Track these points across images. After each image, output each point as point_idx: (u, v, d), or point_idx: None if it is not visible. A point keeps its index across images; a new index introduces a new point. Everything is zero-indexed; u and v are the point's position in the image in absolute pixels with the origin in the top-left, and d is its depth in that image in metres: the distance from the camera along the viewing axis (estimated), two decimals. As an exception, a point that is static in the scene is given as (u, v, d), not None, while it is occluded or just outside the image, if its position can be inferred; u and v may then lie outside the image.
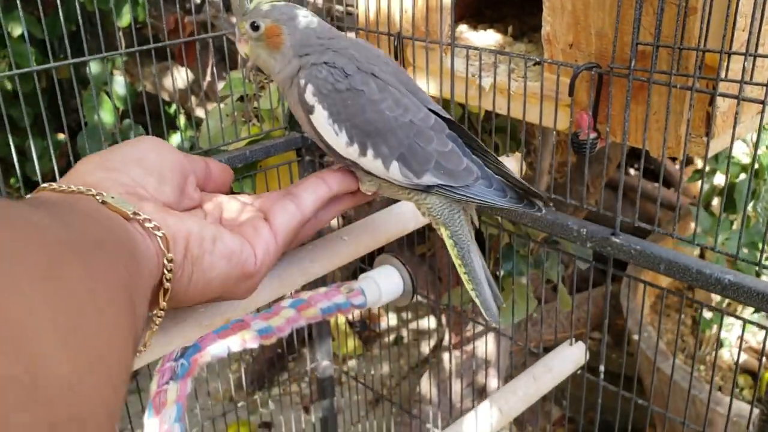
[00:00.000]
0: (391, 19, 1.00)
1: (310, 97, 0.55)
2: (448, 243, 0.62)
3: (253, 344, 1.07)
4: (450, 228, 0.61)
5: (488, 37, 1.06)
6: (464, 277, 0.63)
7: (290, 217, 0.54)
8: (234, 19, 0.58)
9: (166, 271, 0.45)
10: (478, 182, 0.58)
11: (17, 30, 1.99)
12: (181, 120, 2.36)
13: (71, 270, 0.29)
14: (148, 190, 0.49)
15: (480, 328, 1.32)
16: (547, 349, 0.99)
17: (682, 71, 0.75)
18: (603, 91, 0.82)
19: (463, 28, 1.09)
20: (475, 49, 0.92)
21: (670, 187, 2.52)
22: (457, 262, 0.63)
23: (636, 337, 1.73)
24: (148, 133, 1.12)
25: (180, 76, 2.11)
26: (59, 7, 1.00)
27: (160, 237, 0.45)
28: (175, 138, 2.14)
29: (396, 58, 1.00)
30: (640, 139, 0.81)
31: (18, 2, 0.95)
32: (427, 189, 0.58)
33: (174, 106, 2.43)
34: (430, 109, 0.59)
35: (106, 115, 1.89)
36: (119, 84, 1.95)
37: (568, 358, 0.93)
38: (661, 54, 0.77)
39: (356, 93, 0.54)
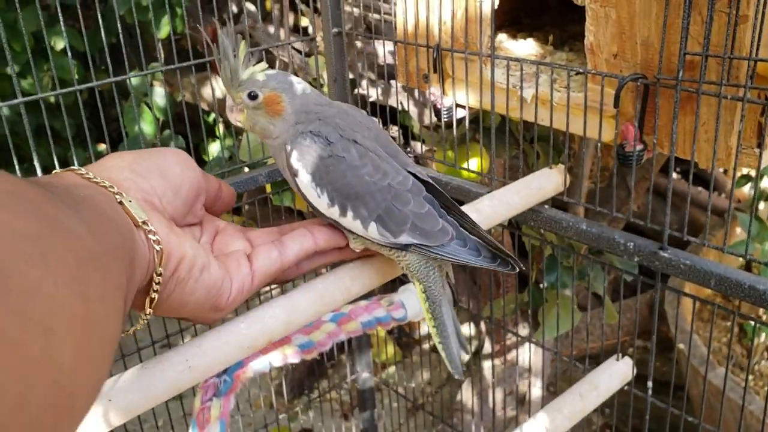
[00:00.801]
0: (429, 31, 0.99)
1: (295, 162, 0.59)
2: (421, 297, 0.66)
3: (295, 359, 1.07)
4: (424, 283, 0.65)
5: (528, 46, 1.04)
6: (432, 330, 0.67)
7: (271, 263, 0.57)
8: (224, 88, 0.61)
9: (154, 284, 0.48)
10: (453, 242, 0.61)
11: (59, 44, 2.03)
12: (220, 129, 2.38)
13: (92, 277, 0.33)
14: (162, 201, 0.52)
15: (521, 336, 1.30)
16: (593, 357, 0.98)
17: (733, 81, 0.73)
18: (649, 101, 0.80)
19: (502, 38, 1.08)
20: (516, 60, 0.90)
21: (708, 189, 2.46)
22: (427, 315, 0.67)
23: (681, 345, 1.69)
24: (188, 143, 1.13)
25: (218, 86, 2.13)
26: (100, 20, 1.01)
27: (157, 251, 0.48)
28: (214, 147, 2.16)
29: (435, 70, 0.99)
30: (689, 150, 0.79)
31: (60, 17, 0.97)
32: (405, 248, 0.61)
33: (212, 115, 2.45)
34: (409, 172, 0.62)
35: (147, 126, 1.91)
36: (159, 95, 1.97)
37: (615, 374, 0.91)
38: (710, 64, 0.74)
39: (337, 159, 0.58)
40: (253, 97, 0.59)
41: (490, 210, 0.81)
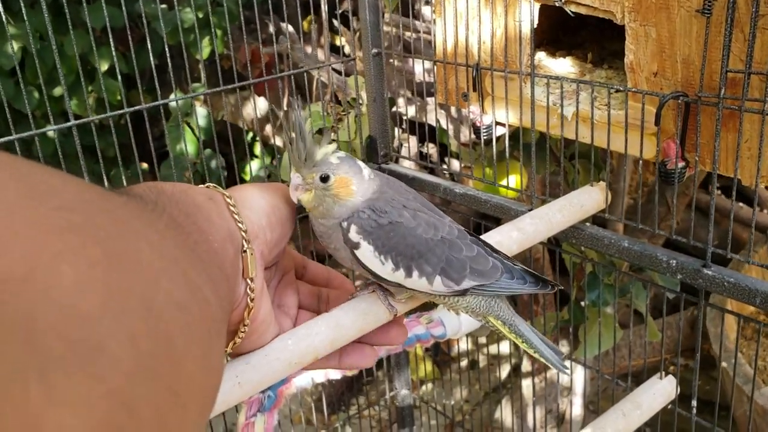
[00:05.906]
0: (468, 50, 1.00)
1: (354, 235, 0.61)
2: (498, 324, 0.69)
3: (336, 375, 1.08)
4: (493, 313, 0.68)
5: (567, 64, 1.04)
6: (523, 346, 0.70)
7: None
8: (292, 168, 0.61)
9: (240, 332, 0.52)
10: (503, 276, 0.65)
11: (104, 65, 2.08)
12: (257, 148, 2.42)
13: (215, 349, 0.35)
14: (270, 253, 0.54)
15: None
16: (635, 375, 0.97)
17: (777, 98, 0.73)
18: (690, 119, 0.80)
19: (541, 56, 1.08)
20: (556, 78, 0.91)
21: (748, 204, 2.42)
22: (511, 336, 0.69)
23: (724, 364, 1.66)
24: (227, 162, 1.15)
25: (258, 106, 2.17)
26: (148, 41, 1.05)
27: (250, 307, 0.51)
28: (254, 165, 2.20)
29: (474, 89, 1.00)
30: (731, 167, 0.78)
31: (111, 39, 1.01)
32: (463, 292, 0.64)
33: (251, 134, 2.49)
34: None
35: (189, 146, 1.95)
36: (201, 115, 2.02)
37: (659, 392, 0.90)
38: (752, 80, 0.74)
39: (396, 224, 0.62)
40: (324, 179, 0.60)
41: (531, 228, 0.81)
